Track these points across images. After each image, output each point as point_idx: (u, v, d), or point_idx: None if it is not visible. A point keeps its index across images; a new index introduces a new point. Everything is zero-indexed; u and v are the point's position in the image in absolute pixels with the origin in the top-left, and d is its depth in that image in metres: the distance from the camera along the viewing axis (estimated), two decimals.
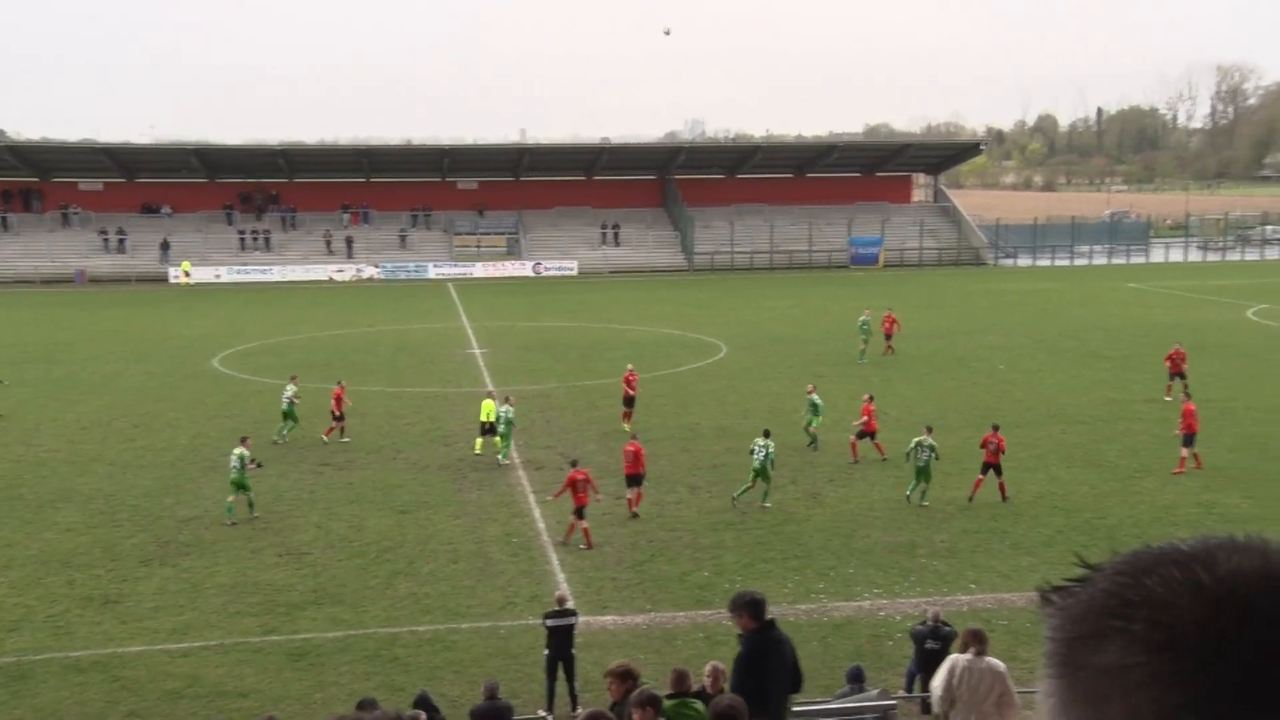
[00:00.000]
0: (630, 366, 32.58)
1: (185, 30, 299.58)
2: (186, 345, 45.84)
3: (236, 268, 72.72)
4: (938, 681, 10.96)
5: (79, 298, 63.86)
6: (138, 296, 64.07)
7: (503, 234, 78.43)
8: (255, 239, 75.61)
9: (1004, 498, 23.71)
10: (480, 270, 74.10)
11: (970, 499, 23.77)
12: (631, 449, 23.77)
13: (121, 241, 73.85)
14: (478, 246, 77.25)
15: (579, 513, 21.70)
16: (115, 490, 25.56)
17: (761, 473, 23.72)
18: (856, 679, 14.01)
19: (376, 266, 73.70)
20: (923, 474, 23.69)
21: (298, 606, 18.85)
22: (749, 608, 9.52)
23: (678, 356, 42.28)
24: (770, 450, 23.85)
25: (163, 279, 70.61)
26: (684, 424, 31.22)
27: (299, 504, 24.51)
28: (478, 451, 28.13)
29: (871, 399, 27.92)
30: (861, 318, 41.70)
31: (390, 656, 17.04)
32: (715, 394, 35.31)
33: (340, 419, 29.93)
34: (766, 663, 9.40)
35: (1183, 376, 32.95)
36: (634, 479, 23.59)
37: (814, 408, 28.16)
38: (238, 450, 23.82)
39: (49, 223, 75.33)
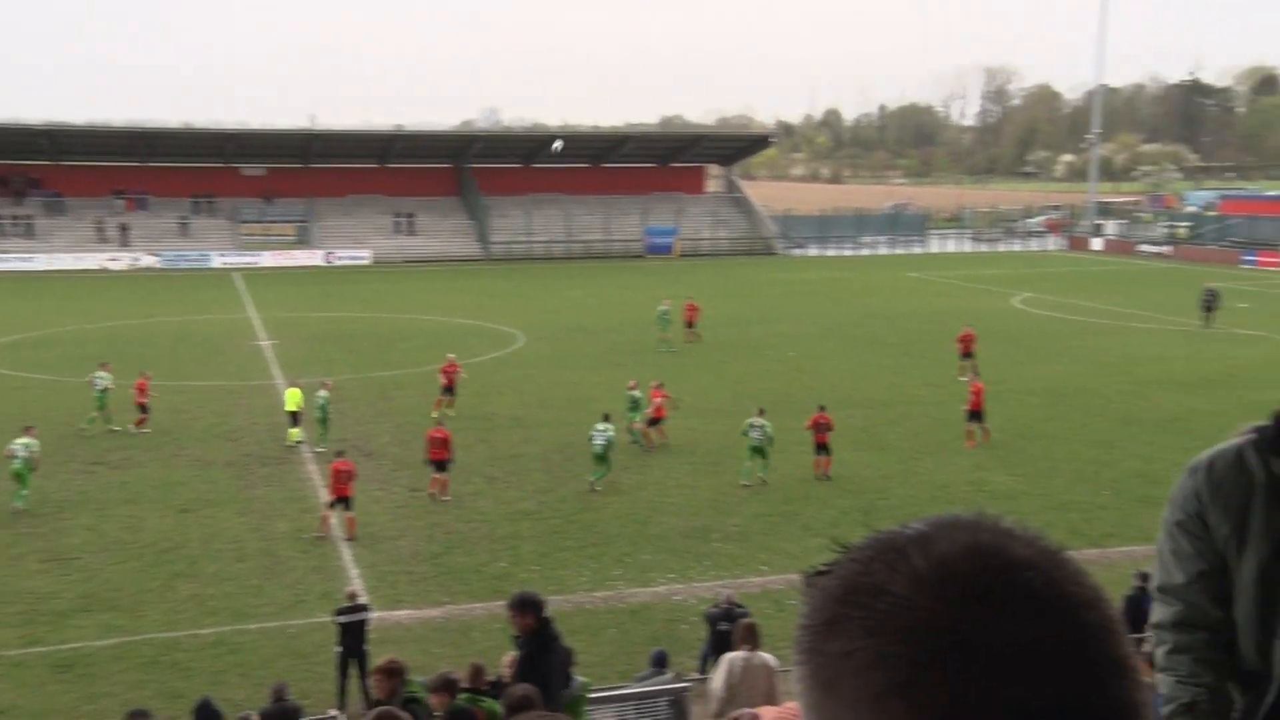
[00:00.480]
0: (451, 356, 32.22)
1: None
2: None
3: None
4: (717, 682, 11.11)
5: None
6: None
7: (292, 222, 75.85)
8: (16, 225, 70.80)
9: (826, 476, 24.69)
10: (268, 259, 71.52)
11: (822, 477, 24.65)
12: (439, 435, 23.74)
13: None
14: (265, 235, 74.50)
15: (346, 503, 21.37)
16: None
17: (603, 457, 24.02)
18: (660, 663, 14.13)
19: (155, 255, 70.16)
20: (758, 453, 24.34)
21: (64, 615, 17.72)
22: (534, 607, 9.45)
23: (475, 346, 41.83)
24: (611, 434, 24.20)
25: None
26: (481, 414, 30.91)
27: (68, 505, 23.07)
28: (290, 442, 27.65)
29: (661, 385, 28.23)
30: (660, 307, 42.22)
31: (170, 662, 16.22)
32: (513, 384, 35.09)
33: (146, 411, 28.94)
34: (548, 659, 9.38)
35: (972, 357, 35.06)
36: (440, 464, 23.57)
37: (634, 404, 28.06)
38: (22, 440, 22.49)
39: None
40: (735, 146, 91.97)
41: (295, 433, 27.87)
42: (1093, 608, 0.99)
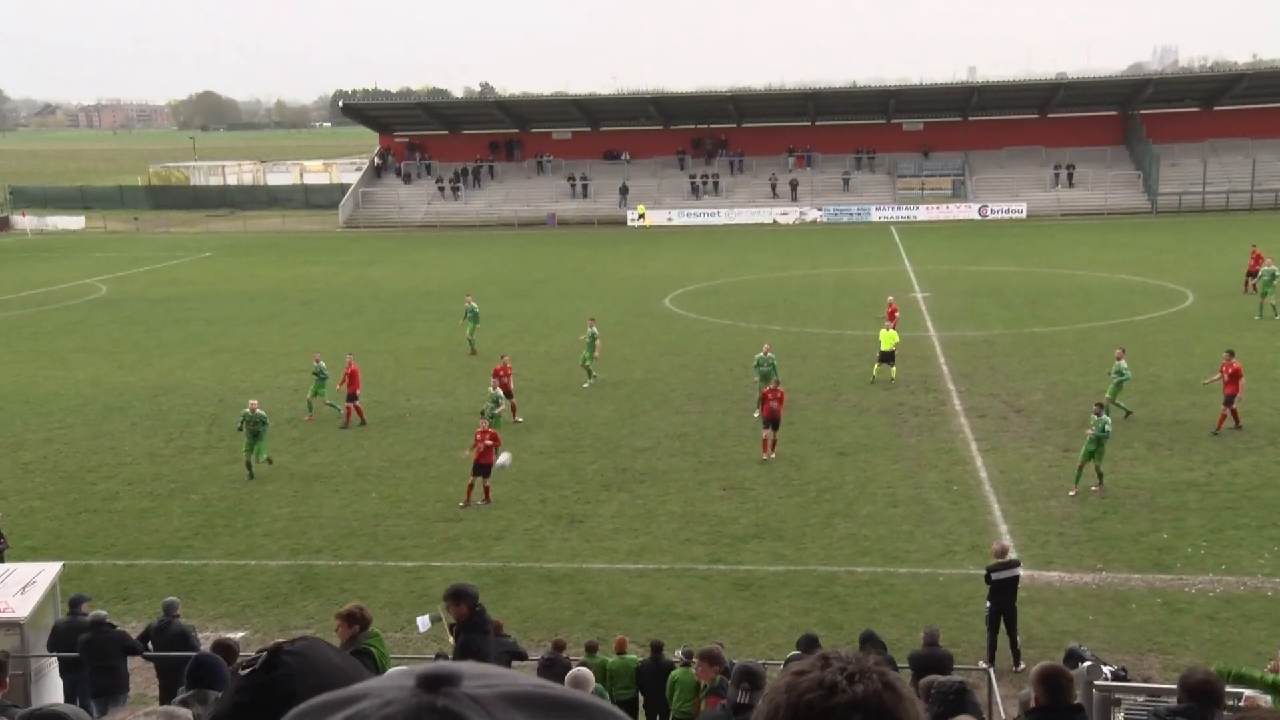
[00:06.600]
0: (505, 357, 28.43)
1: None
2: (641, 285, 48.58)
3: (687, 211, 75.96)
4: None
5: (549, 239, 69.50)
6: (598, 238, 68.71)
7: (948, 176, 76.36)
8: (705, 183, 78.61)
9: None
10: (924, 213, 72.60)
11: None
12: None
13: (585, 186, 79.46)
14: (921, 189, 75.76)
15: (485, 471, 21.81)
16: (579, 419, 27.76)
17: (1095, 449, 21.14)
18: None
19: (819, 210, 74.30)
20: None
21: (741, 539, 19.70)
22: (468, 598, 10.10)
23: (1136, 304, 39.44)
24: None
25: (621, 222, 75.13)
26: (1143, 376, 28.99)
27: (742, 439, 25.41)
28: (877, 377, 30.05)
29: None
30: None
31: (829, 594, 17.43)
32: (1179, 345, 32.68)
33: (510, 396, 27.14)
34: (484, 641, 10.15)
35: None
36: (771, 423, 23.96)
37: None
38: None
39: (526, 170, 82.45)
40: None
41: (892, 371, 29.83)
42: None
